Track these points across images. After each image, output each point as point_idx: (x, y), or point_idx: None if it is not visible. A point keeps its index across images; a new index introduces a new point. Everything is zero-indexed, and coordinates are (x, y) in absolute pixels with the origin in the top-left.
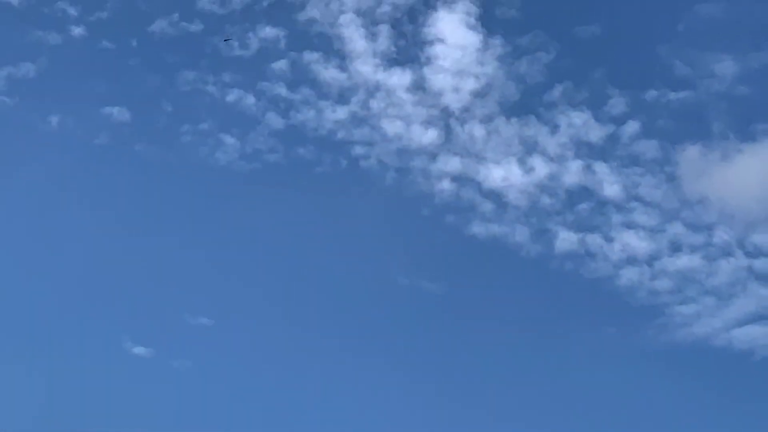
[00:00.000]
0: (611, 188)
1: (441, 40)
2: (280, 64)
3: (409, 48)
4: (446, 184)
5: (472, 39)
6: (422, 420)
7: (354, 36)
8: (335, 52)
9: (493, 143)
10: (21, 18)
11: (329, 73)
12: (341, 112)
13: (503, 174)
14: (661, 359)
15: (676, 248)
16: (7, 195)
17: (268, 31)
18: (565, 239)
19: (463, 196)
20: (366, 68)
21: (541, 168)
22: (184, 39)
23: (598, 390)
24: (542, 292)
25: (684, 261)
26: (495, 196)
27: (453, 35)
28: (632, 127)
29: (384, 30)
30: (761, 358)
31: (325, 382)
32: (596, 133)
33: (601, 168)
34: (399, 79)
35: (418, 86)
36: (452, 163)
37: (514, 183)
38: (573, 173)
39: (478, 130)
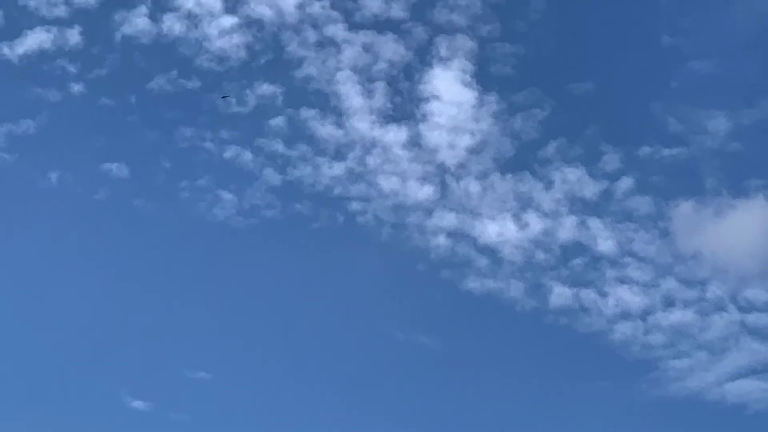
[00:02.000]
0: (605, 244)
1: (436, 97)
2: (278, 121)
3: (405, 105)
4: (442, 240)
5: (467, 96)
6: None
7: (350, 93)
8: (332, 108)
9: (488, 199)
10: (21, 75)
11: (326, 130)
12: (338, 169)
13: (498, 229)
14: (654, 413)
15: (669, 303)
16: (6, 250)
17: (266, 88)
18: (560, 294)
19: (459, 251)
20: (362, 125)
21: (535, 224)
22: (183, 96)
23: None
24: (537, 347)
25: (677, 316)
26: (490, 251)
27: (448, 92)
28: (626, 183)
29: (380, 87)
30: (754, 412)
31: None
32: (590, 189)
33: (595, 224)
34: (395, 135)
35: (414, 143)
36: (448, 219)
37: (509, 238)
38: (567, 229)
39: (474, 186)
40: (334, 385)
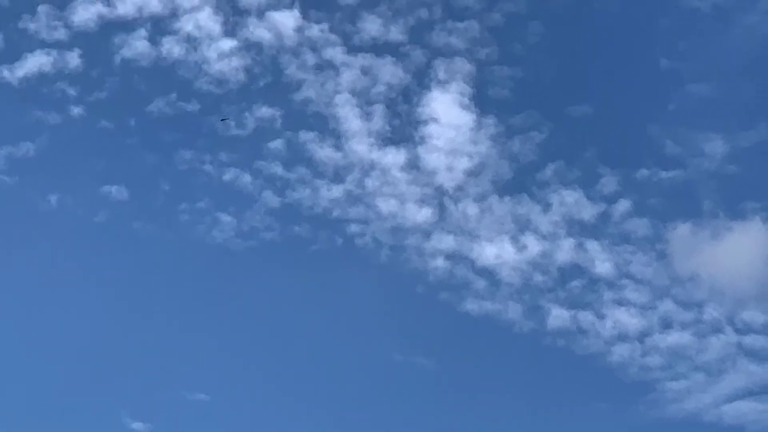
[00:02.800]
0: (603, 266)
1: (435, 120)
2: (276, 144)
3: (403, 127)
4: (440, 262)
5: (465, 118)
6: None
7: (349, 116)
8: (330, 131)
9: (487, 221)
10: (21, 98)
11: (325, 153)
12: (336, 191)
13: (496, 252)
14: None
15: (666, 325)
16: (7, 273)
17: (265, 111)
18: (558, 316)
19: (457, 273)
20: (361, 147)
21: (533, 246)
22: (182, 118)
23: None
24: (535, 369)
25: (675, 337)
26: (488, 273)
27: (447, 115)
28: (623, 205)
29: (379, 110)
30: None
31: None
32: (588, 212)
33: (592, 246)
34: (393, 158)
35: (413, 165)
36: (446, 241)
37: (507, 261)
38: (565, 251)
39: (472, 209)
40: (333, 407)
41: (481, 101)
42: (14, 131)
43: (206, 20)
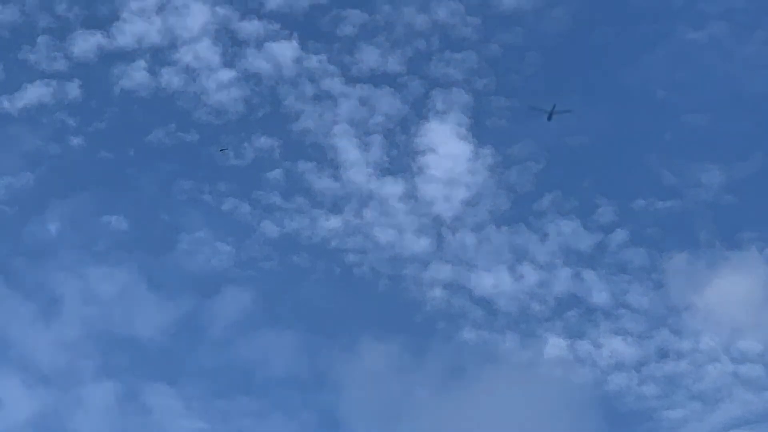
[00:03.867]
0: (600, 295)
1: (432, 150)
2: (275, 174)
3: (401, 158)
4: (438, 292)
5: (462, 149)
6: None
7: (347, 146)
8: (329, 161)
9: (484, 251)
10: (21, 128)
11: (323, 183)
12: (335, 221)
13: (494, 281)
14: None
15: (663, 354)
16: (7, 301)
17: (263, 141)
18: (555, 345)
19: (455, 303)
20: (359, 177)
21: (530, 275)
22: (181, 149)
23: None
24: (532, 397)
25: (671, 366)
26: (485, 302)
27: (444, 145)
28: (620, 235)
29: (377, 140)
30: None
31: None
32: (585, 242)
33: (589, 275)
34: (391, 188)
35: (410, 195)
36: (444, 271)
37: (504, 290)
38: (562, 281)
39: (469, 239)
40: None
41: (478, 131)
42: (14, 161)
43: (205, 51)
